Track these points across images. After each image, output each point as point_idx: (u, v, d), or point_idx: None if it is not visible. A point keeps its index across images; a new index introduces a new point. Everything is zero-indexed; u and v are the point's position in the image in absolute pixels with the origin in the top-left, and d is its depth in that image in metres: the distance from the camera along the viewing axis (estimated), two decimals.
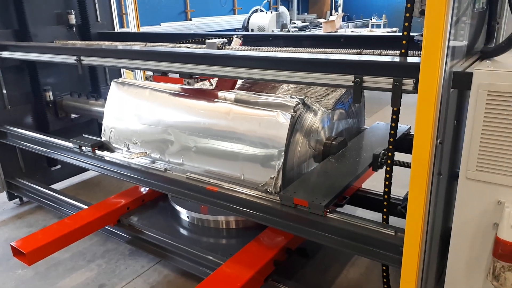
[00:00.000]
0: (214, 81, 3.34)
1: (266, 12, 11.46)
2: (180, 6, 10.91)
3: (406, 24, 1.82)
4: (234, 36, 3.23)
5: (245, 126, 2.58)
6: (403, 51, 1.92)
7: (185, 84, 2.86)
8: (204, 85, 3.38)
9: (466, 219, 1.50)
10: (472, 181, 1.46)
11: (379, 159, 2.68)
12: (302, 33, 10.19)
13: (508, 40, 1.51)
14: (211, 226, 3.22)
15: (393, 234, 1.98)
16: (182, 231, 3.24)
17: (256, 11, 11.54)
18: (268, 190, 2.48)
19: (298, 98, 2.55)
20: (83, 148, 3.32)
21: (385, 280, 2.16)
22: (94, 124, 4.87)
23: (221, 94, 2.87)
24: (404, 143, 3.04)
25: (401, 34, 1.87)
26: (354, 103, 3.19)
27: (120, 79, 3.36)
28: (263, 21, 11.16)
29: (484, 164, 1.43)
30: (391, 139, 1.93)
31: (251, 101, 2.68)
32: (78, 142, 3.32)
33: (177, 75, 2.87)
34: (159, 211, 3.47)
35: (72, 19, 4.45)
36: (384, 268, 2.16)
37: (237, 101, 2.71)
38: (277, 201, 2.35)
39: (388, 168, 2.03)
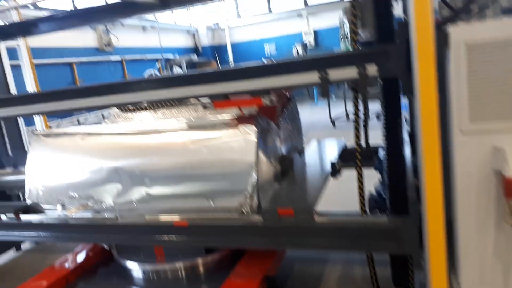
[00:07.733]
0: None
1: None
2: (67, 77, 10.36)
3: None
4: None
5: (206, 152, 2.43)
6: (355, 46, 2.06)
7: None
8: None
9: (467, 173, 1.56)
10: (466, 134, 1.55)
11: (337, 166, 2.78)
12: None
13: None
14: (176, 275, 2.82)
15: (386, 221, 1.99)
16: None
17: (151, 75, 11.51)
18: (244, 211, 2.33)
19: (253, 111, 2.52)
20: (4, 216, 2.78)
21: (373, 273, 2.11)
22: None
23: (167, 124, 2.69)
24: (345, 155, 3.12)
25: None
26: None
27: (41, 131, 2.97)
28: None
29: (476, 115, 1.53)
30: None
31: (207, 123, 2.56)
32: None
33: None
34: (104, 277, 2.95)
35: None
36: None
37: (191, 127, 2.57)
38: (258, 220, 2.21)
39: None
